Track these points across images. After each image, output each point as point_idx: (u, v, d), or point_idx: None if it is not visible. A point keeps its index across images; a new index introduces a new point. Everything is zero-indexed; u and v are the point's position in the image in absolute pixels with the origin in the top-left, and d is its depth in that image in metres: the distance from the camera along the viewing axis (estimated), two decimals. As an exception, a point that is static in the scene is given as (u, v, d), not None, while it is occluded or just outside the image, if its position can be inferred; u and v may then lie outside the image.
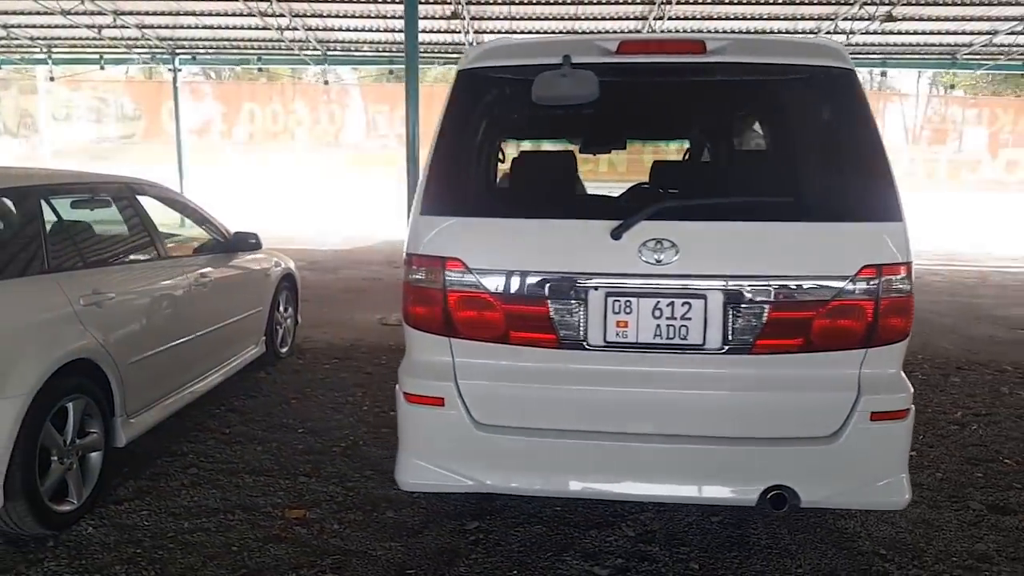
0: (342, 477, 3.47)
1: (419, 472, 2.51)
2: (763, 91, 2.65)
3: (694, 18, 12.36)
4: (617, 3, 11.68)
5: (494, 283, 2.43)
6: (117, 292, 3.38)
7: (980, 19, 12.07)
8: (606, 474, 2.44)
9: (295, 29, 13.51)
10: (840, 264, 2.38)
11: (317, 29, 13.79)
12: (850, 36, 12.96)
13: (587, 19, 12.53)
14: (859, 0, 11.54)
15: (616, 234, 2.36)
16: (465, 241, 2.46)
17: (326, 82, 16.51)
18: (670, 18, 12.09)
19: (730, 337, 2.39)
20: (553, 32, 13.36)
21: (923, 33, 13.15)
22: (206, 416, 4.24)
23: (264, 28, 13.48)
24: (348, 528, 3.00)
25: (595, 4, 11.71)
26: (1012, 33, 12.66)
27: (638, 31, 12.92)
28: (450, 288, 2.44)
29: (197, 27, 13.79)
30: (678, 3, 11.48)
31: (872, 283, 2.36)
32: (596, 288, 2.41)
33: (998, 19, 12.14)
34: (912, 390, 2.47)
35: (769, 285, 2.38)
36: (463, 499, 3.18)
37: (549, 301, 2.42)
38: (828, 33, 12.73)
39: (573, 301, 2.41)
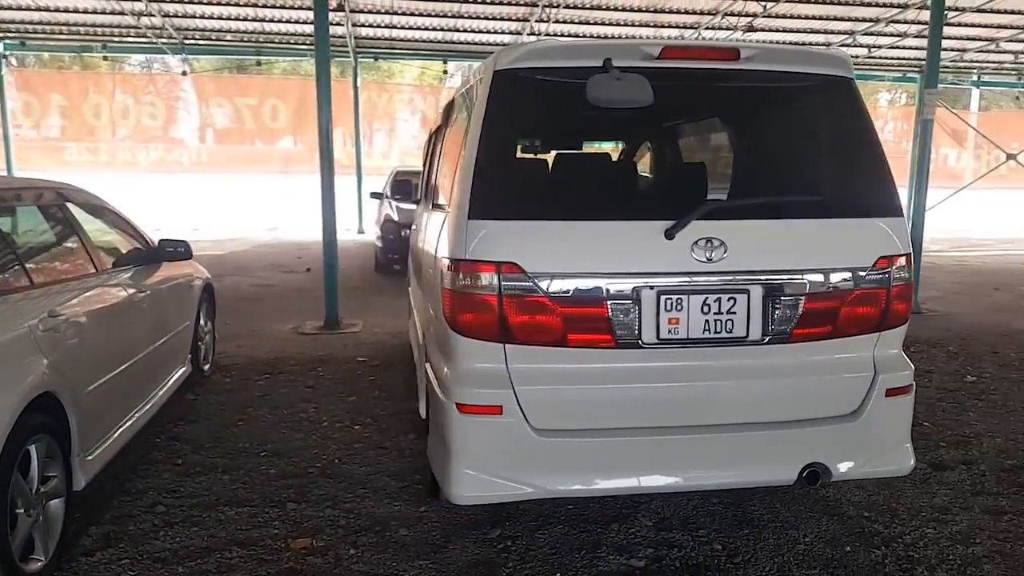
0: (334, 500, 3.24)
1: (476, 484, 2.41)
2: (788, 96, 2.77)
3: (573, 22, 12.64)
4: (499, 3, 11.72)
5: (551, 286, 2.38)
6: (69, 313, 2.96)
7: (840, 19, 12.93)
8: (661, 468, 2.48)
9: (151, 15, 12.44)
10: (862, 256, 2.59)
11: (175, 16, 12.78)
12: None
13: (468, 18, 12.49)
14: (721, 11, 12.30)
15: (670, 234, 2.40)
16: (520, 245, 2.39)
17: (184, 72, 15.27)
18: (554, 21, 12.31)
19: (770, 328, 2.52)
20: (432, 29, 13.22)
21: (783, 42, 14.20)
22: (149, 447, 3.81)
23: (117, 13, 12.29)
24: (366, 552, 2.82)
25: (477, 3, 11.68)
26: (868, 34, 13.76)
27: (518, 33, 13.07)
28: (506, 293, 2.36)
29: (29, 8, 12.33)
30: (559, 6, 11.71)
31: (885, 273, 2.60)
32: (651, 287, 2.43)
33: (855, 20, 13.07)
34: (913, 367, 2.74)
35: (804, 278, 2.54)
36: (475, 507, 3.07)
37: (607, 302, 2.42)
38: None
39: (629, 301, 2.42)
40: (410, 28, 13.30)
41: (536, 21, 12.27)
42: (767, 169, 2.77)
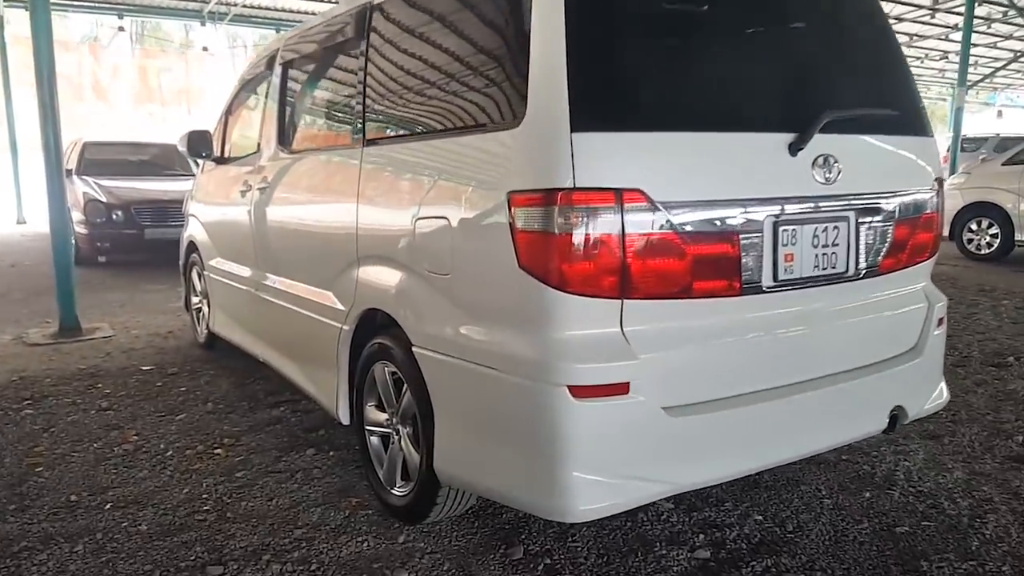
0: (272, 551, 2.37)
1: (599, 491, 1.83)
2: (870, 6, 2.49)
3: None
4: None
5: (680, 219, 1.89)
6: None
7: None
8: (783, 436, 2.14)
9: None
10: (927, 177, 2.45)
11: None
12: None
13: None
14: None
15: (795, 149, 2.05)
16: (644, 165, 1.86)
17: None
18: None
19: (865, 260, 2.29)
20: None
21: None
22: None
23: None
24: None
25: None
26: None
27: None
28: (630, 231, 1.83)
29: None
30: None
31: (937, 195, 2.50)
32: (774, 216, 2.05)
33: None
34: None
35: (895, 201, 2.34)
36: (466, 520, 2.48)
37: (736, 237, 1.99)
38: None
39: (754, 234, 2.01)
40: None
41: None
42: (854, 80, 2.39)
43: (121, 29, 14.52)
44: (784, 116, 2.11)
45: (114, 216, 8.31)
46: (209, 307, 4.60)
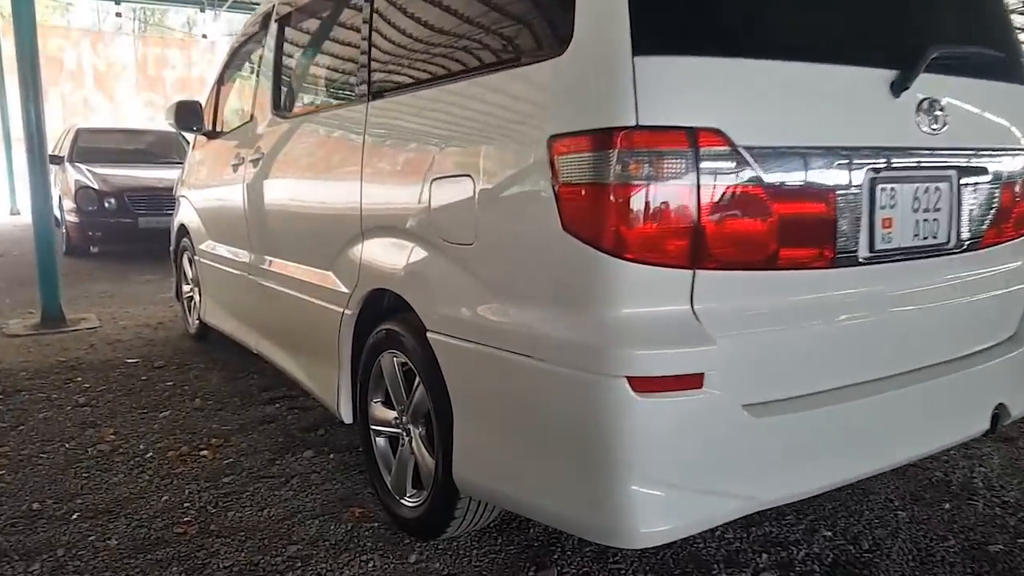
0: (263, 572, 2.03)
1: (662, 511, 1.46)
2: None
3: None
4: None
5: (766, 170, 1.51)
6: None
7: None
8: (882, 437, 1.76)
9: None
10: None
11: None
12: None
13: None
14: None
15: (898, 88, 1.67)
16: (726, 100, 1.49)
17: None
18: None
19: (967, 230, 1.92)
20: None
21: None
22: None
23: None
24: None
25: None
26: None
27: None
28: (706, 182, 1.45)
29: None
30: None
31: None
32: (869, 170, 1.67)
33: None
34: None
35: (1001, 161, 1.96)
36: (488, 536, 2.12)
37: (830, 195, 1.61)
38: None
39: (850, 192, 1.64)
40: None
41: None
42: (958, 13, 2.01)
43: (118, 15, 14.13)
44: (887, 48, 1.73)
45: (106, 204, 7.97)
46: (200, 295, 4.25)
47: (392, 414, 2.26)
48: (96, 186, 8.04)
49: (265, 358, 3.29)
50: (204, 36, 17.32)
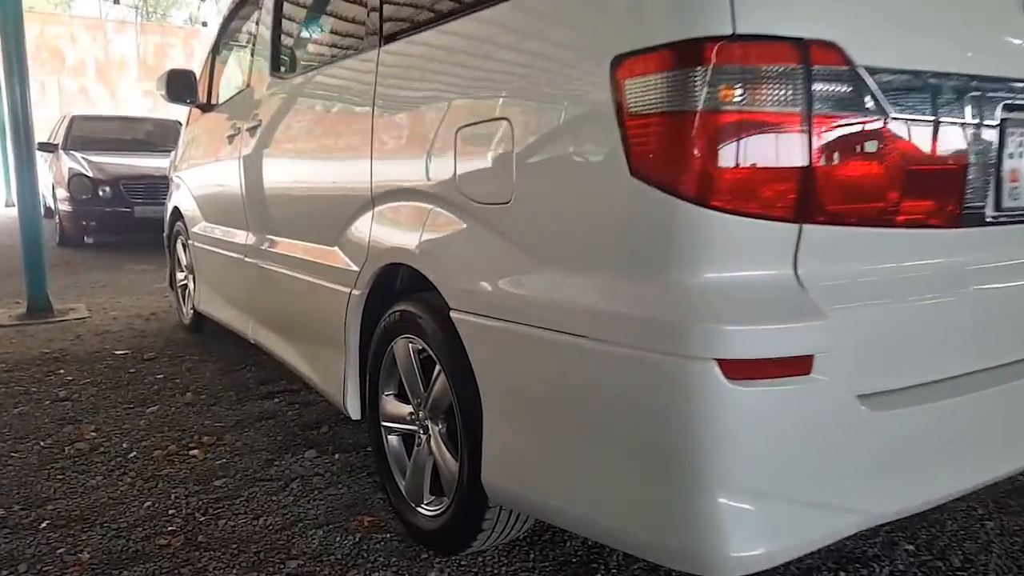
0: (251, 592, 1.74)
1: (758, 529, 1.15)
2: None
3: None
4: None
5: (889, 97, 1.20)
6: None
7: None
8: (1012, 434, 1.45)
9: None
10: None
11: None
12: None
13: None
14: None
15: None
16: (842, 6, 1.19)
17: None
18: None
19: None
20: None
21: None
22: None
23: None
24: None
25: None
26: None
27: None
28: (820, 111, 1.14)
29: None
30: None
31: None
32: (1001, 108, 1.36)
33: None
34: None
35: None
36: (518, 549, 1.83)
37: (961, 135, 1.31)
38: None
39: (983, 133, 1.34)
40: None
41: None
42: None
43: (116, 2, 13.83)
44: None
45: (101, 192, 7.68)
46: (195, 283, 3.95)
47: (407, 409, 1.97)
48: (90, 174, 7.76)
49: (264, 349, 3.00)
50: (204, 24, 17.04)
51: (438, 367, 1.77)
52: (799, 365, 1.14)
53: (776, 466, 1.16)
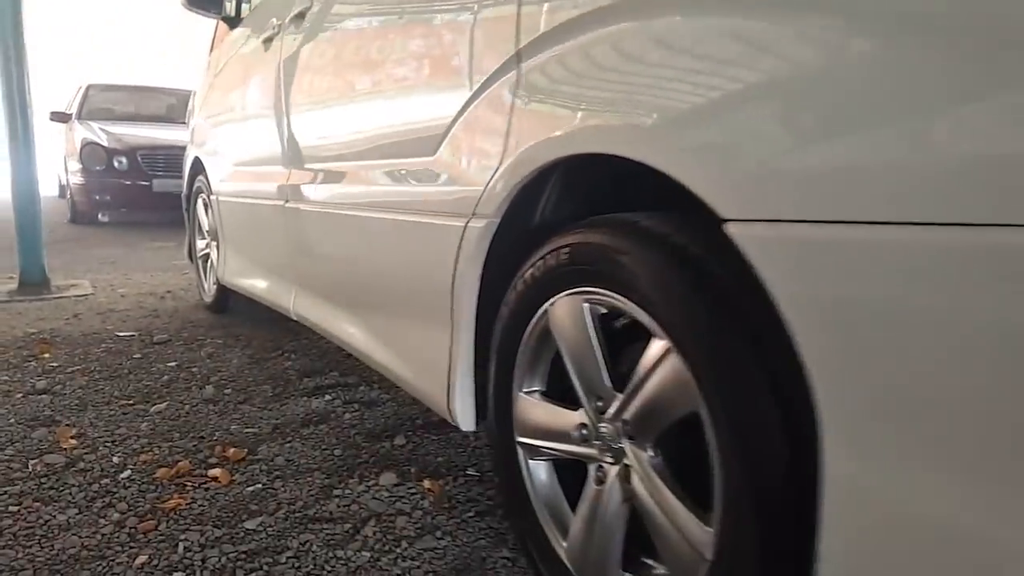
0: None
1: None
2: None
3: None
4: None
5: None
6: None
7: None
8: None
9: None
10: None
11: None
12: None
13: None
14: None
15: None
16: None
17: None
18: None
19: None
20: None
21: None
22: None
23: None
24: None
25: None
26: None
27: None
28: None
29: None
30: None
31: None
32: None
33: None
34: None
35: None
36: None
37: None
38: None
39: None
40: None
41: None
42: None
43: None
44: None
45: (116, 163, 6.96)
46: (219, 250, 3.17)
47: (575, 417, 1.14)
48: (105, 143, 7.03)
49: (311, 326, 2.20)
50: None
51: (658, 343, 0.95)
52: None
53: None
